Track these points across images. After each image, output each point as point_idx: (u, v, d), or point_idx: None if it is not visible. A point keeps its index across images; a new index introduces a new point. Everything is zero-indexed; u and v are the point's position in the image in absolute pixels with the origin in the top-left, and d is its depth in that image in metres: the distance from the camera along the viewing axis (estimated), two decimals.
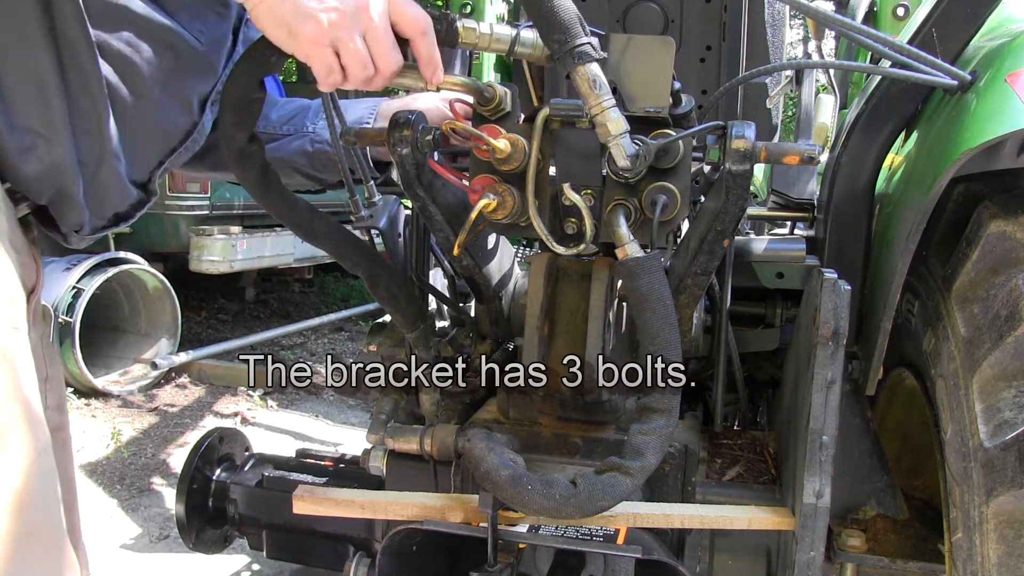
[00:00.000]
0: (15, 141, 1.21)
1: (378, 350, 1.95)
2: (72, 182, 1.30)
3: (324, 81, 1.17)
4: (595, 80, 1.22)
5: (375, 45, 1.15)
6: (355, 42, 1.13)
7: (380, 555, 1.47)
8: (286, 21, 1.11)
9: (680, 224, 1.69)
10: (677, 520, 1.45)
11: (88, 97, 1.26)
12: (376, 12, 1.14)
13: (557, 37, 1.20)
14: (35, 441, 1.12)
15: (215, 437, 2.23)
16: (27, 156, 1.23)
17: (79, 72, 1.23)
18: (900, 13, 2.64)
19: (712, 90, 2.13)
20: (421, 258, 1.86)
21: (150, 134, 1.38)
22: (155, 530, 3.45)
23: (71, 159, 1.27)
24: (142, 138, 1.38)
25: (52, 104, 1.22)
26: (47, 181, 1.28)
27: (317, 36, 1.11)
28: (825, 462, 1.32)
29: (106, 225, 1.44)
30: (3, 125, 1.19)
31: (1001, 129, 1.27)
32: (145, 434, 4.57)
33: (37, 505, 1.11)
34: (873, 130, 1.69)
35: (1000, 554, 1.25)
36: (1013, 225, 1.33)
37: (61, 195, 1.31)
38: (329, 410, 5.26)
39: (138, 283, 5.40)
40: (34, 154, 1.23)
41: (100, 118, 1.28)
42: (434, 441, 1.61)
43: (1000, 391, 1.27)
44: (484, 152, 1.39)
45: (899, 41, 1.42)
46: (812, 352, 1.33)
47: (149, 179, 1.45)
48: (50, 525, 1.13)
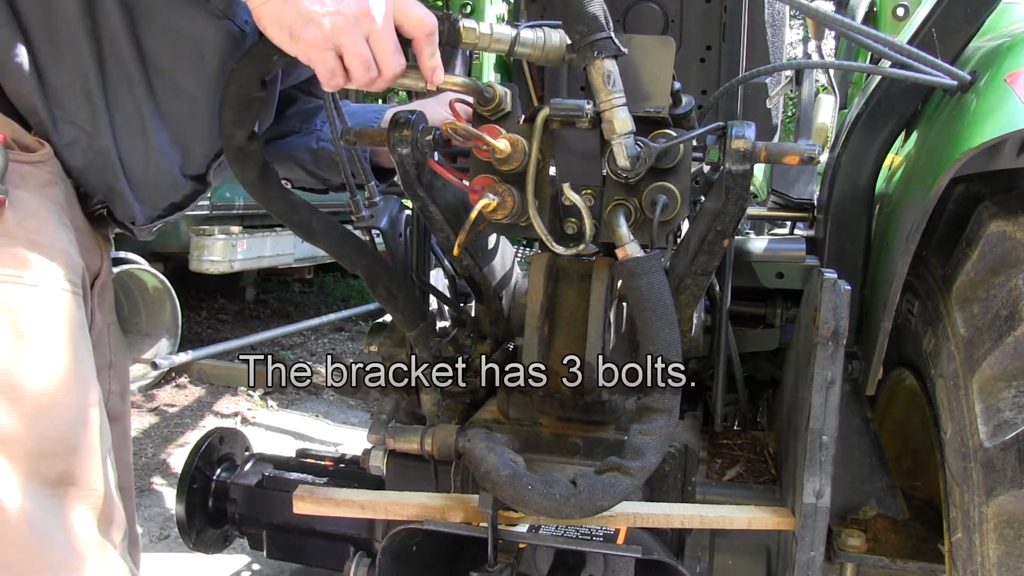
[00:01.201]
0: (60, 135, 1.27)
1: (378, 350, 1.94)
2: (116, 178, 1.34)
3: (327, 83, 1.17)
4: (609, 75, 1.22)
5: (378, 48, 1.14)
6: (358, 45, 1.12)
7: (380, 555, 1.47)
8: (288, 24, 1.10)
9: (680, 224, 1.69)
10: (677, 520, 1.45)
11: (131, 99, 1.30)
12: (379, 14, 1.13)
13: (580, 28, 1.21)
14: (80, 393, 1.14)
15: (215, 437, 2.23)
16: (72, 149, 1.29)
17: (122, 74, 1.27)
18: (900, 13, 2.64)
19: (712, 90, 2.13)
20: (421, 258, 1.86)
21: (204, 130, 1.39)
22: (155, 530, 3.44)
23: (114, 157, 1.32)
24: (195, 135, 1.39)
25: (94, 103, 1.27)
26: (94, 175, 1.33)
27: (319, 40, 1.10)
28: (825, 462, 1.32)
29: (162, 215, 1.48)
30: (48, 119, 1.25)
31: (1001, 129, 1.27)
32: (145, 434, 4.57)
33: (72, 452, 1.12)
34: (873, 130, 1.69)
35: (1000, 554, 1.25)
36: (1013, 225, 1.33)
37: (110, 190, 1.36)
38: (329, 410, 5.26)
39: (138, 283, 5.40)
40: (78, 147, 1.29)
41: (144, 120, 1.31)
42: (434, 441, 1.61)
43: (1000, 391, 1.27)
44: (484, 152, 1.39)
45: (899, 41, 1.42)
46: (812, 352, 1.33)
47: (206, 171, 1.47)
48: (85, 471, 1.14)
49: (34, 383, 1.08)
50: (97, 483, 1.15)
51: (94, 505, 1.14)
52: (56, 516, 1.09)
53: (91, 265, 1.33)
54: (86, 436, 1.14)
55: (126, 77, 1.28)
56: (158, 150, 1.35)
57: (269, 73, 1.29)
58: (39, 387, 1.08)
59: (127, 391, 1.52)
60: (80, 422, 1.13)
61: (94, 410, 1.16)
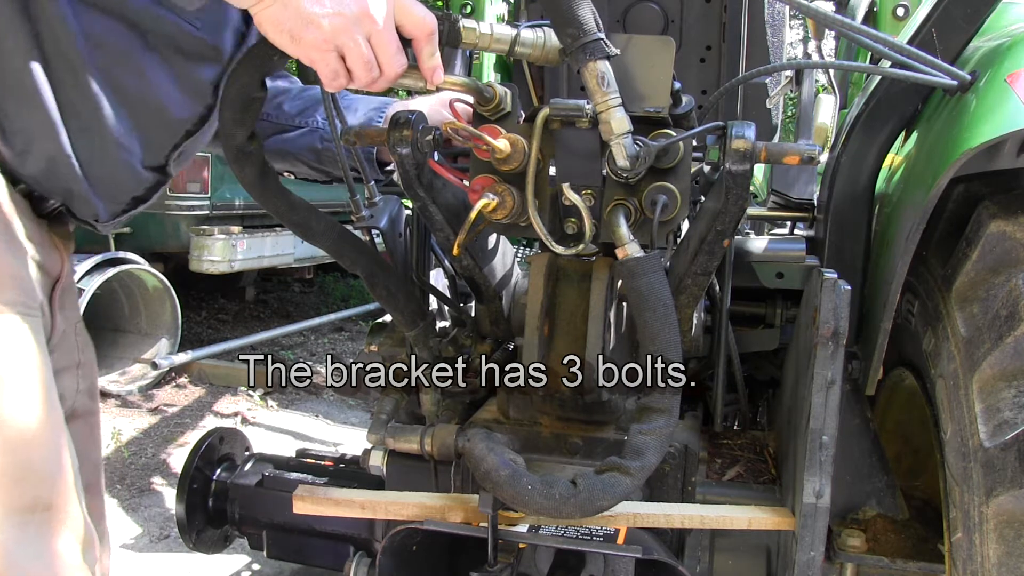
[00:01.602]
0: (11, 144, 1.24)
1: (378, 350, 1.94)
2: (75, 180, 1.31)
3: (329, 84, 1.17)
4: (603, 77, 1.22)
5: (380, 48, 1.14)
6: (359, 46, 1.12)
7: (380, 555, 1.47)
8: (288, 27, 1.10)
9: (680, 224, 1.69)
10: (677, 520, 1.45)
11: (80, 94, 1.27)
12: (380, 15, 1.12)
13: (571, 31, 1.20)
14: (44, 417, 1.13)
15: (215, 437, 2.23)
16: (25, 158, 1.26)
17: (69, 71, 1.24)
18: (900, 13, 2.64)
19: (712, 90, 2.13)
20: (421, 258, 1.86)
21: (158, 122, 1.38)
22: (155, 530, 3.45)
23: (70, 159, 1.29)
24: (150, 126, 1.38)
25: (43, 105, 1.23)
26: (51, 180, 1.30)
27: (320, 41, 1.10)
28: (825, 462, 1.32)
29: (126, 209, 1.45)
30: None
31: (1001, 129, 1.26)
32: (145, 434, 4.57)
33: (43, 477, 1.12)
34: (873, 130, 1.69)
35: (1000, 554, 1.25)
36: (1013, 225, 1.33)
37: (68, 193, 1.33)
38: (329, 410, 5.26)
39: (138, 283, 5.40)
40: (31, 155, 1.26)
41: (96, 113, 1.29)
42: (434, 441, 1.61)
43: (1000, 391, 1.27)
44: (484, 152, 1.39)
45: (899, 41, 1.42)
46: (812, 352, 1.33)
47: (166, 162, 1.45)
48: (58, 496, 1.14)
49: None
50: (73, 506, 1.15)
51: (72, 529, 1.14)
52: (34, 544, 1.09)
53: (50, 269, 1.31)
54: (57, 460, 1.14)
55: (72, 71, 1.24)
56: (115, 144, 1.33)
57: (270, 73, 1.29)
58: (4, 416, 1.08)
59: (95, 388, 1.50)
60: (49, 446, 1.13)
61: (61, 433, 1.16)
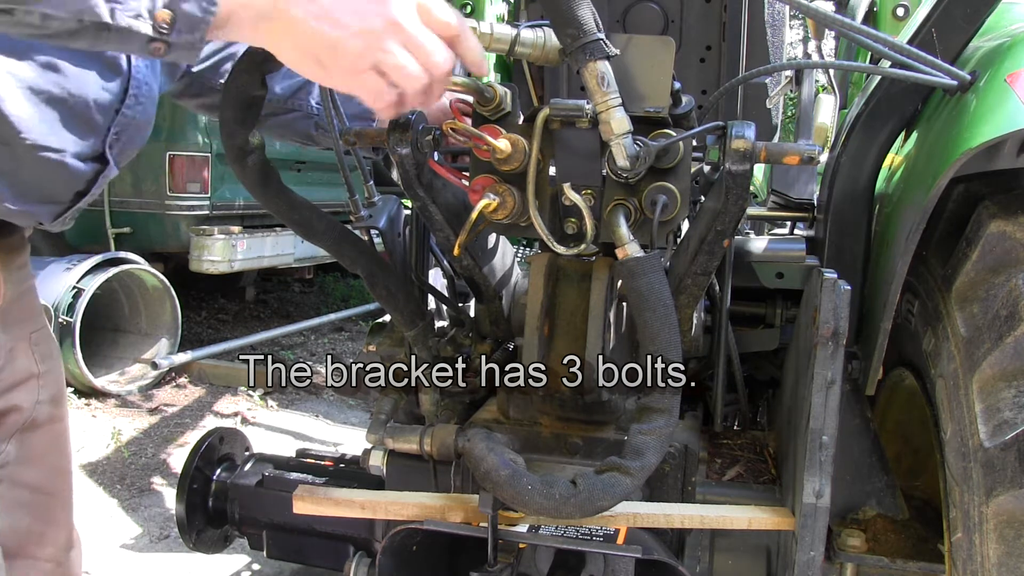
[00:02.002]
0: None
1: (378, 350, 1.94)
2: None
3: (379, 108, 1.06)
4: (603, 77, 1.22)
5: (419, 51, 1.04)
6: (397, 56, 1.02)
7: (380, 555, 1.47)
8: (314, 55, 1.00)
9: (680, 224, 1.69)
10: (677, 520, 1.45)
11: None
12: (407, 19, 1.03)
13: (570, 32, 1.20)
14: None
15: (215, 437, 2.23)
16: None
17: None
18: (900, 13, 2.64)
19: (712, 90, 2.13)
20: (421, 258, 1.86)
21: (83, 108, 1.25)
22: (155, 530, 3.45)
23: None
24: (74, 116, 1.25)
25: None
26: None
27: (352, 64, 1.00)
28: (825, 462, 1.32)
29: (70, 206, 1.34)
30: None
31: (1001, 129, 1.26)
32: (145, 434, 4.57)
33: None
34: (873, 130, 1.69)
35: (1000, 554, 1.25)
36: (1013, 225, 1.33)
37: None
38: (329, 410, 5.27)
39: (138, 283, 5.40)
40: None
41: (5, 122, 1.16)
42: (434, 441, 1.61)
43: (1000, 391, 1.27)
44: (484, 152, 1.39)
45: (899, 41, 1.42)
46: (812, 352, 1.33)
47: (103, 148, 1.31)
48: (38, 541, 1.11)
49: None
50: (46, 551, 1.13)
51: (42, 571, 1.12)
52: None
53: None
54: None
55: None
56: (37, 147, 1.20)
57: (270, 71, 1.28)
58: None
59: (61, 395, 1.44)
60: None
61: None
